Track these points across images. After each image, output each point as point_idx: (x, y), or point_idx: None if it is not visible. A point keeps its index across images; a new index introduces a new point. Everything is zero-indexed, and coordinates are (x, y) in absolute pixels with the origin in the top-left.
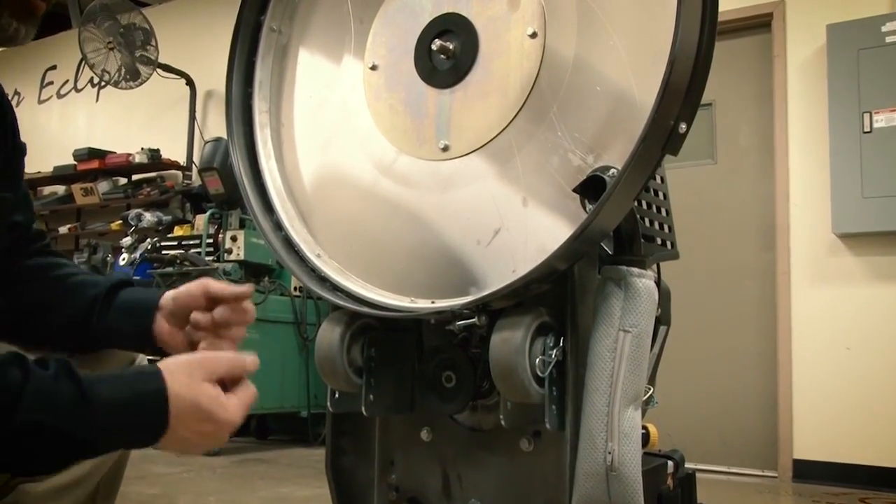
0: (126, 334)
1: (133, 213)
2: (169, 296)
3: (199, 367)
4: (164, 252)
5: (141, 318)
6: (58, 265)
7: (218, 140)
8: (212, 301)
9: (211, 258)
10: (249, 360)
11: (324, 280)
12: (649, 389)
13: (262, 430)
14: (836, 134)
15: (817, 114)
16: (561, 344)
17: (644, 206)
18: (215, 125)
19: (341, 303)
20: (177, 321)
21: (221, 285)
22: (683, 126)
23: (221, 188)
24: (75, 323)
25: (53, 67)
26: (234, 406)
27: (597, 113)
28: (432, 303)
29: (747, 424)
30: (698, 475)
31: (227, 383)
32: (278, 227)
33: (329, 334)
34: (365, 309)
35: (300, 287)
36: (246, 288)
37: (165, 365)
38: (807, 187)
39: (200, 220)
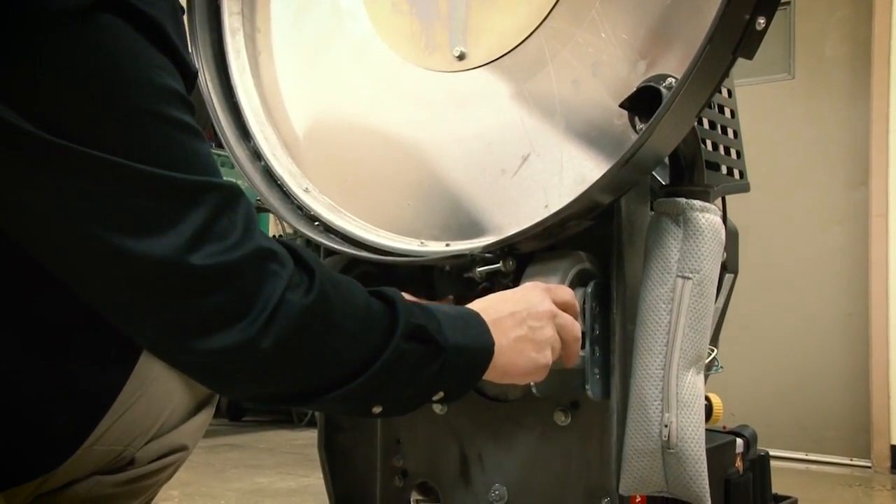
0: None
1: None
2: None
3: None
4: None
5: None
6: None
7: None
8: None
9: None
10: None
11: (314, 220)
12: (713, 351)
13: (235, 410)
14: None
15: None
16: (606, 294)
17: (707, 125)
18: None
19: (335, 246)
20: None
21: None
22: (762, 21)
23: None
24: None
25: None
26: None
27: (651, 8)
28: (446, 245)
29: (831, 402)
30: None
31: None
32: (256, 155)
33: None
34: (364, 253)
35: (285, 231)
36: None
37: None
38: None
39: None
